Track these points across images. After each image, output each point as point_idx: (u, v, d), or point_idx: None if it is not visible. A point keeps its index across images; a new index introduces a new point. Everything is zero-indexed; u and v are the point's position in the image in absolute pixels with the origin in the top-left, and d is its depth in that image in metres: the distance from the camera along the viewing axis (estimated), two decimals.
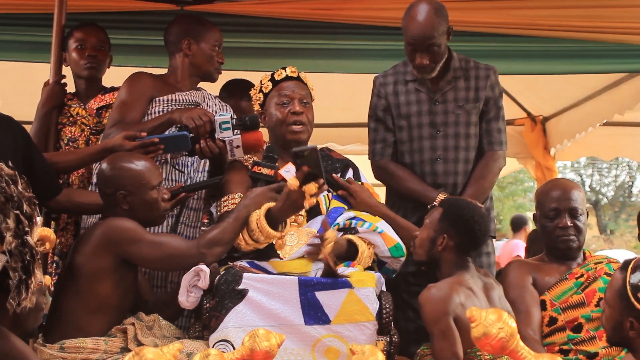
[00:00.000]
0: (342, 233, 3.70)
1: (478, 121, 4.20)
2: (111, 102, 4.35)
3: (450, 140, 4.16)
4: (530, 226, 9.52)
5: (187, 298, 3.38)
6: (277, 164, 3.70)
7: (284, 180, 3.60)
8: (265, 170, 3.65)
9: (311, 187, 3.46)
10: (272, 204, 3.55)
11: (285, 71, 3.95)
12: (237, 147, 3.91)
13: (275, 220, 3.52)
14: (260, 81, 4.00)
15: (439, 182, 4.14)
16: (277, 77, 3.94)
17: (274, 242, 3.61)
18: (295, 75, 3.95)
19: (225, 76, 4.54)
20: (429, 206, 4.03)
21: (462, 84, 4.20)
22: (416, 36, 4.01)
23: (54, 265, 4.29)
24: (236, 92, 4.72)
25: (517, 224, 10.25)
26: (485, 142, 4.21)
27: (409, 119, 4.20)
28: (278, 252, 3.63)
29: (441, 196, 4.03)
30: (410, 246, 3.73)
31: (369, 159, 4.34)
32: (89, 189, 4.23)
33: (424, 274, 3.73)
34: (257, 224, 3.49)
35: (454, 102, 4.18)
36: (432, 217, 3.66)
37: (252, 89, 4.06)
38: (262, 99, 3.97)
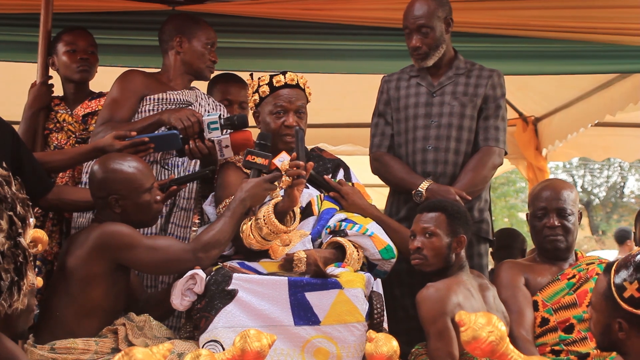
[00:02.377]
0: (331, 235, 3.70)
1: (474, 116, 4.21)
2: (97, 109, 4.32)
3: (443, 129, 4.17)
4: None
5: (181, 302, 3.37)
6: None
7: (278, 169, 3.60)
8: (259, 160, 3.63)
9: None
10: (279, 199, 3.55)
11: (285, 78, 3.88)
12: (226, 146, 3.91)
13: (280, 212, 3.53)
14: (258, 81, 3.94)
15: (428, 170, 4.15)
16: (275, 84, 3.87)
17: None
18: (293, 83, 3.89)
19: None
20: (413, 192, 4.04)
21: (463, 80, 4.25)
22: (409, 17, 4.16)
23: (36, 269, 4.26)
24: (221, 79, 4.71)
25: (621, 238, 10.30)
26: (481, 138, 4.21)
27: (407, 111, 4.25)
28: (269, 252, 3.63)
29: (426, 183, 4.04)
30: (413, 257, 3.67)
31: (369, 154, 4.38)
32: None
33: (419, 272, 3.71)
34: (264, 219, 3.50)
35: (451, 94, 4.22)
36: (439, 223, 3.62)
37: (249, 86, 4.01)
38: (257, 100, 3.93)
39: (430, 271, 3.63)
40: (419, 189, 4.03)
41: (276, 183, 3.60)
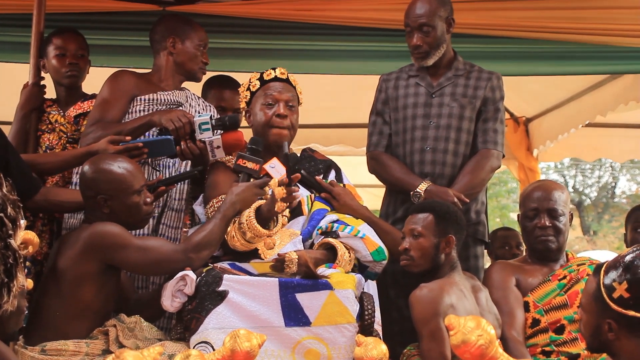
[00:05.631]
0: (323, 236, 3.69)
1: (473, 118, 4.21)
2: (89, 109, 4.30)
3: (442, 131, 4.17)
4: None
5: (172, 303, 3.37)
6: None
7: (268, 175, 3.60)
8: (250, 164, 3.63)
9: (279, 191, 3.50)
10: (262, 202, 3.55)
11: (275, 72, 3.93)
12: (218, 147, 3.90)
13: (264, 218, 3.54)
14: (249, 79, 3.98)
15: (426, 171, 4.14)
16: (265, 77, 3.92)
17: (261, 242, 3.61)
18: (284, 77, 3.93)
19: (208, 77, 4.53)
20: (411, 192, 4.04)
21: (462, 82, 4.25)
22: (411, 15, 4.16)
23: (25, 270, 4.24)
24: (216, 83, 4.73)
25: None
26: (479, 141, 4.20)
27: (405, 111, 4.24)
28: (259, 252, 3.62)
29: (424, 184, 4.03)
30: (401, 258, 3.68)
31: (366, 153, 4.37)
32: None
33: (414, 273, 3.70)
34: (247, 223, 3.50)
35: (451, 96, 4.21)
36: (426, 224, 3.63)
37: (242, 85, 4.05)
38: (248, 97, 3.95)
39: (419, 272, 3.63)
40: (418, 190, 4.02)
41: (269, 196, 3.59)
